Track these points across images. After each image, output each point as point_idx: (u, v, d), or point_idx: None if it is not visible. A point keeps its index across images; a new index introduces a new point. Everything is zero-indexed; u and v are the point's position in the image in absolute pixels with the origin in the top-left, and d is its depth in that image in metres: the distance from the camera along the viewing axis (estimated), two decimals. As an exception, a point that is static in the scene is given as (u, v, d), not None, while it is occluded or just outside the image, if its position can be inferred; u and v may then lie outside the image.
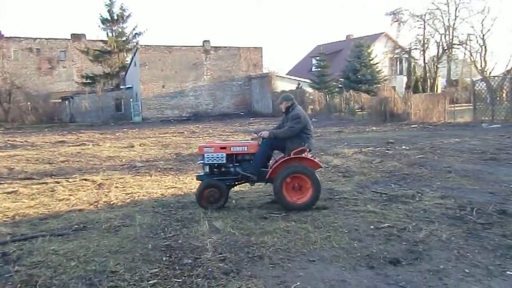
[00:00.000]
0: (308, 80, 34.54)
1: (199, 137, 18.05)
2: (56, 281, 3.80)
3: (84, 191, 7.78)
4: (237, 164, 6.23)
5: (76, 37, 45.95)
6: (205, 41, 36.77)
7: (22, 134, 23.63)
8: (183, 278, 3.80)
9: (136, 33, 40.24)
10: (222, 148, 6.20)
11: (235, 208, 6.15)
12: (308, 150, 6.16)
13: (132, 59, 37.03)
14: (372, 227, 5.05)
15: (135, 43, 39.01)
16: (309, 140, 6.21)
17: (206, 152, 6.19)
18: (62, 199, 7.12)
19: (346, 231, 4.92)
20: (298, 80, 35.04)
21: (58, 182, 8.57)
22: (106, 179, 8.75)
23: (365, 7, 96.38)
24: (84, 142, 16.97)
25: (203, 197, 6.07)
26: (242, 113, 35.94)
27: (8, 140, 18.97)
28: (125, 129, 24.72)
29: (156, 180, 8.67)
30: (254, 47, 39.04)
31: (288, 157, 5.99)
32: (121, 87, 37.54)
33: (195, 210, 6.04)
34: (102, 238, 4.92)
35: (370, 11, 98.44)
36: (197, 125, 26.66)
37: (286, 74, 41.27)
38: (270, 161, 6.36)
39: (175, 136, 19.38)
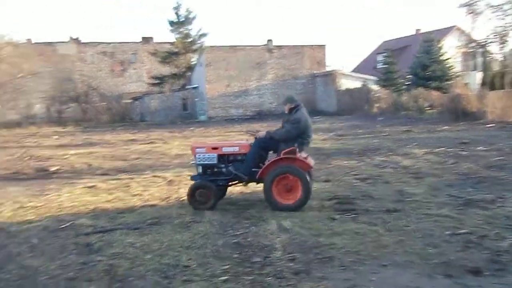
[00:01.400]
0: (374, 77, 33.59)
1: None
2: (133, 272, 4.00)
3: (156, 187, 8.12)
4: (229, 164, 6.26)
5: (146, 40, 48.02)
6: (268, 40, 37.00)
7: (98, 132, 25.12)
8: (254, 276, 3.84)
9: (201, 34, 41.25)
10: (213, 148, 6.31)
11: (303, 208, 6.12)
12: (299, 150, 6.03)
13: (198, 59, 38.09)
14: (448, 232, 4.81)
15: (200, 44, 40.06)
16: (303, 143, 6.12)
17: (198, 152, 6.28)
18: (136, 194, 7.49)
19: (419, 236, 4.72)
20: (363, 78, 34.18)
21: (132, 178, 9.02)
22: (176, 176, 9.06)
23: (435, 0, 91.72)
24: (154, 141, 17.71)
25: (193, 197, 6.15)
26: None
27: (86, 138, 20.28)
28: (192, 128, 25.48)
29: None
30: (318, 45, 38.60)
31: (279, 158, 5.99)
32: (187, 87, 38.73)
33: (262, 208, 6.09)
34: (174, 233, 5.10)
35: (441, 4, 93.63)
36: (261, 123, 26.81)
37: (351, 72, 40.40)
38: (266, 162, 6.25)
39: (240, 134, 19.59)
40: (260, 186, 6.27)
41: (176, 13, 40.25)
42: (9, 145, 18.75)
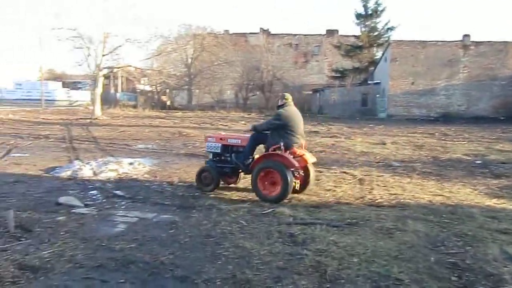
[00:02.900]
0: None
1: (454, 141, 16.42)
2: (343, 274, 3.87)
3: (347, 184, 7.96)
4: (233, 154, 7.06)
5: (330, 32, 48.53)
6: (465, 35, 33.41)
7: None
8: (483, 309, 3.33)
9: (388, 28, 39.74)
10: (221, 139, 7.25)
11: (527, 235, 5.19)
12: (284, 148, 6.36)
13: (383, 54, 36.75)
14: None
15: (386, 38, 38.59)
16: (289, 138, 6.47)
17: (209, 141, 7.34)
18: (328, 189, 7.45)
19: None
20: None
21: (321, 172, 9.02)
22: (365, 175, 8.77)
23: None
24: (335, 135, 17.66)
25: (199, 178, 7.10)
26: (502, 118, 31.24)
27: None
28: (371, 125, 24.68)
29: (417, 183, 8.19)
30: (528, 42, 33.34)
31: (267, 153, 6.55)
32: (369, 82, 37.79)
33: (474, 227, 5.36)
34: (377, 239, 4.83)
35: None
36: (448, 127, 24.40)
37: None
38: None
39: (425, 137, 18.20)
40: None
41: (364, 6, 39.57)
42: (205, 126, 21.07)
